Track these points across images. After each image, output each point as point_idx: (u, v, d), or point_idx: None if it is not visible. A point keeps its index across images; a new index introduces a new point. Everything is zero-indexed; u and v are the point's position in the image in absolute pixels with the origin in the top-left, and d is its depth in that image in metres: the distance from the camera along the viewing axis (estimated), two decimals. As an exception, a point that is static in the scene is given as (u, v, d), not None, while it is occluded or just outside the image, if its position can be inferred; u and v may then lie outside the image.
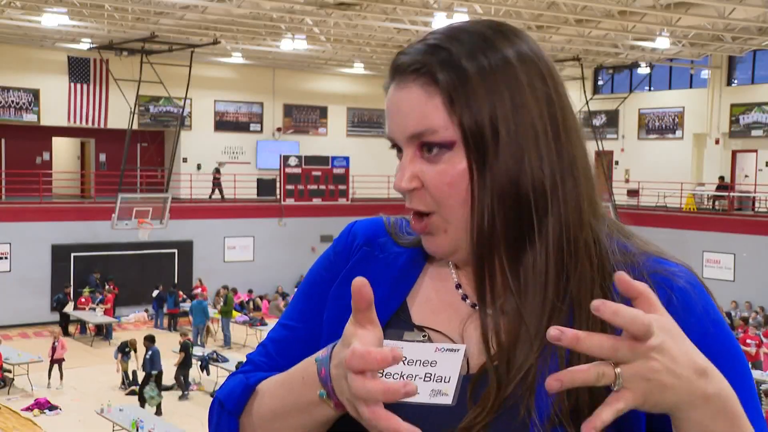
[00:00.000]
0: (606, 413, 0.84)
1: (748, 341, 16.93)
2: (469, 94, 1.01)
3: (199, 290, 21.62)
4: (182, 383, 16.03)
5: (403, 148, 1.07)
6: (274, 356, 1.17)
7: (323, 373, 0.99)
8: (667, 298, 0.99)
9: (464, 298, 1.10)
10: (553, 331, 0.83)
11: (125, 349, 16.48)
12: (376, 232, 1.21)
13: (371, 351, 0.89)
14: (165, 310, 21.52)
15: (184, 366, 15.99)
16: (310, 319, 1.17)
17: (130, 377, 16.25)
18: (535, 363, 0.99)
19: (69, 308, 20.71)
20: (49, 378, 16.21)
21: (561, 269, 1.02)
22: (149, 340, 15.45)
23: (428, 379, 0.98)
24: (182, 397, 15.85)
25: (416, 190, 1.05)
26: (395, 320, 1.11)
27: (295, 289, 15.54)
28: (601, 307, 0.83)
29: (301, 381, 1.04)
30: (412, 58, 1.05)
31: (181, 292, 22.02)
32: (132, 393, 15.78)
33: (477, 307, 1.08)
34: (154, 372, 14.99)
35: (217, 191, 25.48)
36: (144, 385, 14.99)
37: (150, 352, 15.13)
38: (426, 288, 1.13)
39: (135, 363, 16.33)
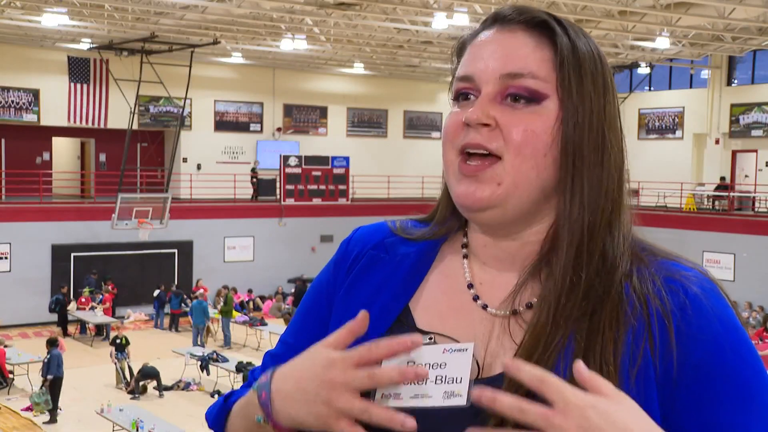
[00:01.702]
0: None
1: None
2: (578, 66, 1.03)
3: (201, 291, 21.56)
4: (157, 385, 16.01)
5: (482, 88, 1.02)
6: None
7: (263, 397, 0.99)
8: (680, 303, 0.99)
9: (476, 298, 1.07)
10: (481, 394, 0.87)
11: (116, 341, 16.47)
12: (381, 234, 1.18)
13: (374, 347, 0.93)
14: (166, 310, 21.52)
15: (147, 375, 15.93)
16: (309, 336, 1.14)
17: (128, 376, 16.24)
18: (554, 364, 0.97)
19: (71, 308, 20.67)
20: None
21: (597, 261, 1.02)
22: (50, 343, 15.02)
23: (440, 381, 0.97)
24: (133, 398, 15.67)
25: (488, 128, 1.01)
26: (398, 326, 1.08)
27: (294, 290, 15.43)
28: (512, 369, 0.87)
29: (248, 405, 1.06)
30: (523, 11, 1.05)
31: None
32: (131, 391, 15.79)
33: (488, 308, 1.05)
34: (49, 377, 14.44)
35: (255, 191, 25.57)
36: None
37: (48, 356, 14.68)
38: (432, 289, 1.10)
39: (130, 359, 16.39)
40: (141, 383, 15.87)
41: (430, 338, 1.04)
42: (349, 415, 0.92)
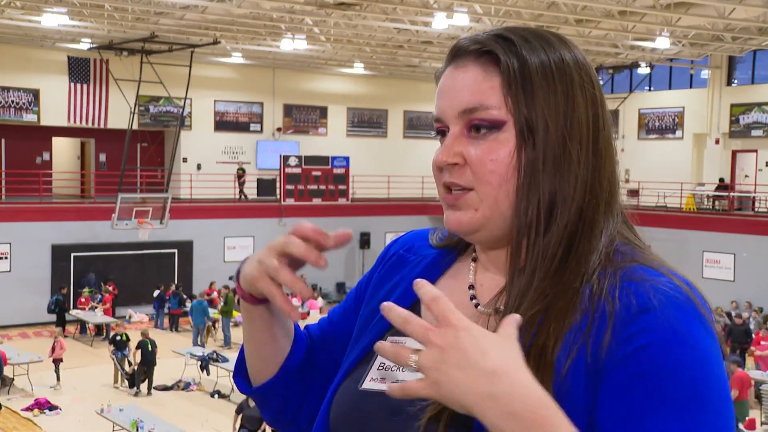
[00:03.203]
0: (397, 390, 0.93)
1: (762, 343, 16.95)
2: (527, 83, 1.06)
3: (215, 293, 21.50)
4: (142, 380, 15.91)
5: (450, 126, 1.10)
6: (314, 338, 1.33)
7: (238, 268, 1.20)
8: (626, 303, 0.99)
9: (472, 298, 1.15)
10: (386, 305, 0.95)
11: (116, 339, 16.41)
12: (418, 239, 1.30)
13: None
14: (166, 310, 21.51)
15: (142, 363, 15.87)
16: (345, 317, 1.32)
17: (128, 371, 16.20)
18: None
19: (73, 310, 20.66)
20: (57, 379, 16.19)
21: (560, 264, 1.06)
22: None
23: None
24: (148, 393, 15.68)
25: (456, 166, 1.08)
26: None
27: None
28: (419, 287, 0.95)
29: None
30: (474, 40, 1.10)
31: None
32: (131, 380, 15.77)
33: (479, 307, 1.13)
34: None
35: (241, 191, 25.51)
36: None
37: None
38: (442, 287, 1.18)
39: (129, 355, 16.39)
40: (142, 377, 15.89)
41: None
42: (266, 270, 1.10)
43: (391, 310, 0.94)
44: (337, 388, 1.19)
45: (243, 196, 25.45)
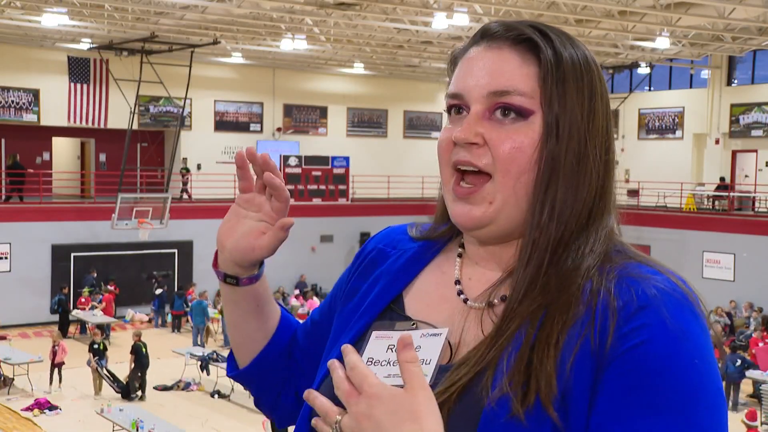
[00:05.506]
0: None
1: (760, 344, 16.96)
2: (562, 79, 1.05)
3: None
4: (138, 386, 15.73)
5: (471, 105, 1.07)
6: (298, 339, 1.36)
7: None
8: (627, 300, 0.99)
9: (460, 293, 1.13)
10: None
11: (94, 347, 16.24)
12: (398, 233, 1.28)
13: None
14: (167, 310, 21.49)
15: (137, 367, 15.76)
16: (327, 315, 1.32)
17: (121, 381, 16.06)
18: (502, 351, 1.02)
19: (73, 310, 20.62)
20: (50, 382, 16.09)
21: (560, 259, 1.06)
22: None
23: None
24: (141, 398, 15.54)
25: (475, 146, 1.06)
26: (388, 312, 1.17)
27: (296, 290, 16.17)
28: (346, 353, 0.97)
29: None
30: (510, 26, 1.08)
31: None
32: (126, 392, 15.67)
33: (468, 302, 1.12)
34: None
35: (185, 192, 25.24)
36: None
37: None
38: (425, 281, 1.18)
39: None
40: (137, 383, 15.79)
41: (413, 324, 1.11)
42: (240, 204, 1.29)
43: (334, 367, 0.97)
44: (320, 384, 1.17)
45: (187, 196, 25.17)
